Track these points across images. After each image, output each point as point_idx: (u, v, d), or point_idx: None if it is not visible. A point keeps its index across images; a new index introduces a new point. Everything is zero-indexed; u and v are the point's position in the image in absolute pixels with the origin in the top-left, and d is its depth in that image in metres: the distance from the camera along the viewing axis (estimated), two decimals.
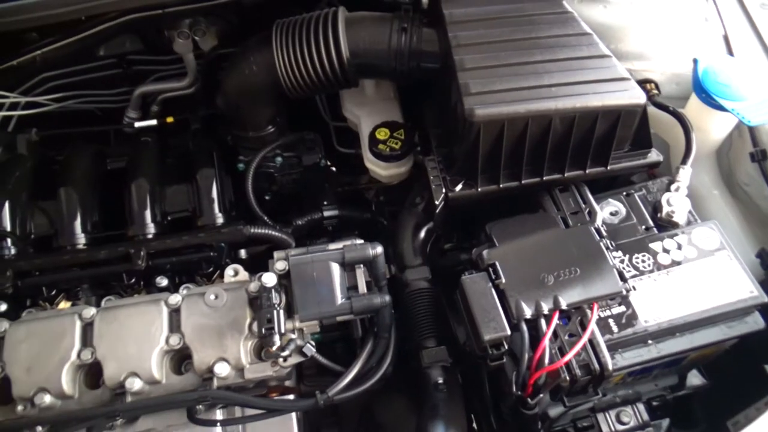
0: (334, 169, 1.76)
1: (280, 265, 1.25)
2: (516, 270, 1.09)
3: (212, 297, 1.24)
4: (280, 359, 1.20)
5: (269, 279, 1.19)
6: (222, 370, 1.18)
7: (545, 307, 1.04)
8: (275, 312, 1.14)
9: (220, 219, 1.46)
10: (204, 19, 1.71)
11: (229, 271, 1.31)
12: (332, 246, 1.25)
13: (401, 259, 1.36)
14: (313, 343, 1.21)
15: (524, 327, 1.04)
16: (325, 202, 1.57)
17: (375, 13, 1.31)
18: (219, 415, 1.22)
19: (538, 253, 1.11)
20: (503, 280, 1.07)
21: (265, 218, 1.44)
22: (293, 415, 1.24)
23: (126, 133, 1.92)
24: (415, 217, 1.41)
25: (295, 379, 1.37)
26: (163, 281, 1.33)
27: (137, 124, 1.70)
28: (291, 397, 1.25)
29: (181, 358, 1.26)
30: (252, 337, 1.22)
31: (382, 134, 1.44)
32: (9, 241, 1.42)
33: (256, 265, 1.29)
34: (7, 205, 1.46)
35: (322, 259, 1.20)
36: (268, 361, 1.22)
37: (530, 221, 1.19)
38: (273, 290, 1.17)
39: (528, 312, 1.04)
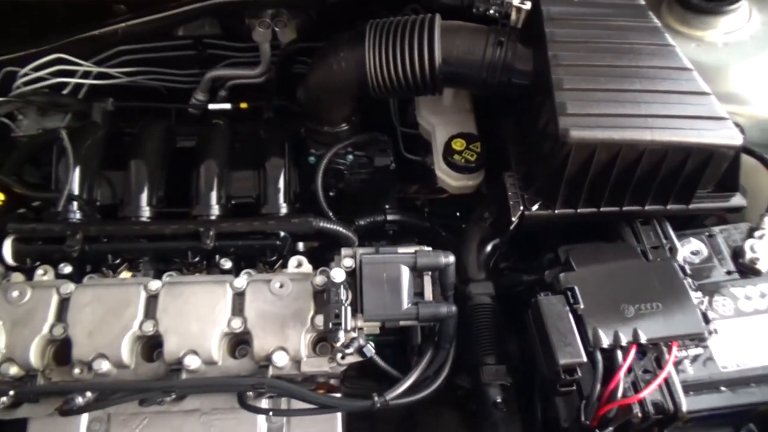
0: None
1: (348, 262, 1.25)
2: (594, 297, 1.07)
3: (278, 285, 1.23)
4: (338, 356, 1.19)
5: (338, 275, 1.18)
6: (280, 359, 1.17)
7: (623, 339, 1.02)
8: (343, 308, 1.13)
9: (284, 209, 1.46)
10: (286, 11, 1.73)
11: (293, 261, 1.31)
12: (402, 249, 1.24)
13: (465, 271, 1.34)
14: (373, 345, 1.20)
15: (599, 356, 1.02)
16: (387, 206, 1.57)
17: (471, 24, 1.31)
18: (264, 404, 1.21)
19: (618, 283, 1.09)
20: (581, 306, 1.05)
21: (330, 214, 1.44)
22: (338, 414, 1.23)
23: (190, 114, 1.95)
24: (482, 231, 1.40)
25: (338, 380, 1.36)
26: (227, 263, 1.33)
27: (211, 106, 1.71)
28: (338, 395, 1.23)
29: (236, 342, 1.26)
30: (312, 330, 1.21)
31: (458, 145, 1.44)
32: (75, 205, 1.44)
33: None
34: (78, 170, 1.47)
35: (394, 261, 1.19)
36: (325, 357, 1.21)
37: (609, 250, 1.17)
38: (342, 286, 1.17)
39: (605, 341, 1.02)
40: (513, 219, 1.23)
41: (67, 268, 1.29)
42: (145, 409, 1.19)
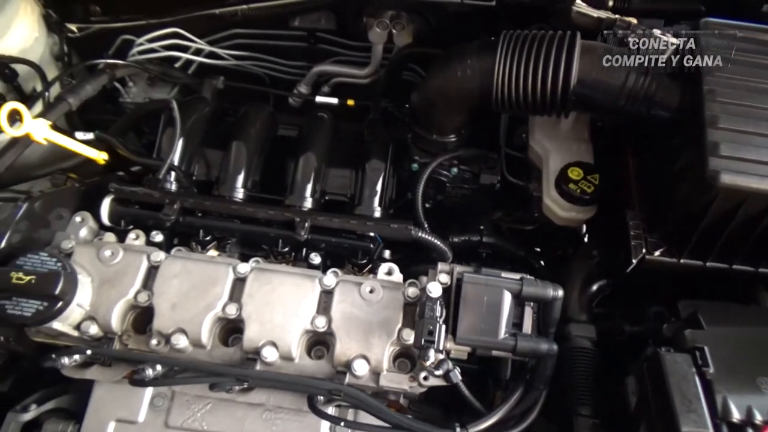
0: None
1: (444, 279, 1.17)
2: (726, 362, 0.95)
3: (368, 289, 1.17)
4: (421, 376, 1.11)
5: (435, 289, 1.11)
6: (361, 368, 1.10)
7: (758, 416, 0.89)
8: (438, 325, 1.05)
9: (377, 213, 1.40)
10: (406, 14, 1.70)
11: (383, 268, 1.24)
12: (505, 274, 1.15)
13: (565, 309, 1.24)
14: (459, 371, 1.11)
15: (726, 431, 0.89)
16: (482, 227, 1.48)
17: (614, 47, 1.22)
18: (329, 411, 1.14)
19: (755, 352, 0.96)
20: (711, 370, 0.93)
21: (426, 225, 1.37)
22: None
23: (288, 105, 1.94)
24: (588, 269, 1.29)
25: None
26: (317, 258, 1.27)
27: (318, 99, 1.68)
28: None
29: (314, 342, 1.20)
30: (398, 344, 1.14)
31: (575, 174, 1.34)
32: (173, 175, 1.43)
33: None
34: (181, 141, 1.46)
35: (497, 285, 1.10)
36: (407, 374, 1.13)
37: (743, 313, 1.05)
38: (438, 302, 1.09)
39: (736, 414, 0.90)
40: (633, 261, 1.12)
41: (159, 237, 1.27)
42: (211, 394, 1.15)
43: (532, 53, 1.21)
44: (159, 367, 1.12)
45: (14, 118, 1.23)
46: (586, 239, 1.54)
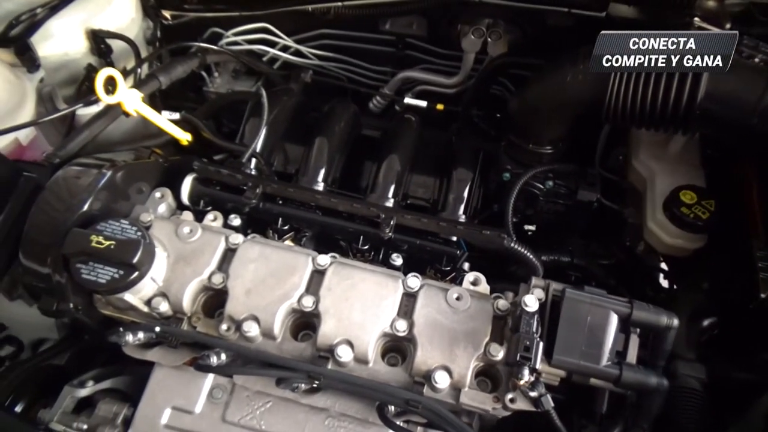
0: None
1: (539, 294, 1.07)
2: None
3: (455, 296, 1.08)
4: (507, 398, 1.00)
5: (531, 302, 1.00)
6: (442, 380, 1.00)
7: None
8: (535, 341, 0.95)
9: (462, 221, 1.32)
10: (504, 23, 1.64)
11: (469, 277, 1.15)
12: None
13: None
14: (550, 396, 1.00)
15: None
16: (570, 248, 1.37)
17: (748, 61, 1.11)
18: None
19: None
20: None
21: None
22: None
23: (368, 110, 1.90)
24: (696, 303, 1.16)
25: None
26: (398, 260, 1.19)
27: (407, 100, 1.63)
28: None
29: (390, 348, 1.11)
30: (484, 359, 1.03)
31: (688, 197, 1.22)
32: (254, 163, 1.39)
33: None
34: (264, 130, 1.42)
35: (604, 305, 0.99)
36: (490, 394, 1.03)
37: None
38: (535, 317, 0.98)
39: None
40: (762, 295, 0.99)
41: (236, 221, 1.22)
42: (272, 391, 1.07)
43: None
44: (224, 356, 1.05)
45: (108, 86, 1.22)
46: (664, 280, 1.42)
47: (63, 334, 1.41)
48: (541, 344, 0.95)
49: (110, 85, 1.24)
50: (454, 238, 1.22)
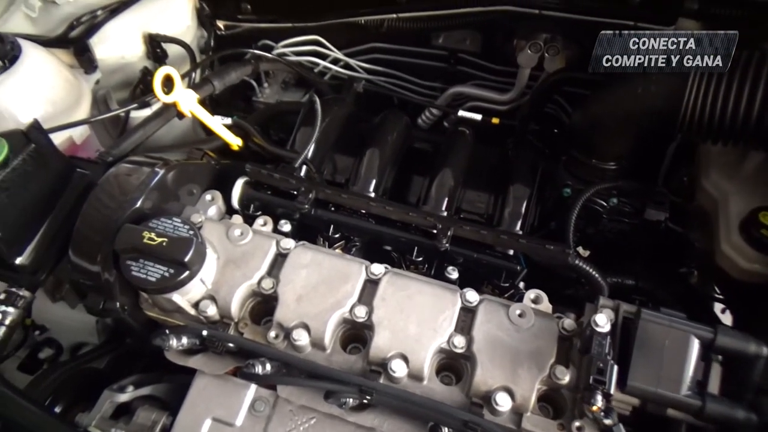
0: None
1: (608, 315, 0.99)
2: None
3: (517, 313, 1.01)
4: (574, 425, 0.92)
5: (603, 322, 0.93)
6: (504, 402, 0.93)
7: None
8: (610, 364, 0.87)
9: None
10: (562, 38, 1.59)
11: (530, 294, 1.08)
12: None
13: None
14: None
15: None
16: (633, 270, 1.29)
17: None
18: None
19: None
20: None
21: None
22: None
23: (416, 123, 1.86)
24: None
25: None
26: (454, 273, 1.13)
27: (461, 113, 1.59)
28: None
29: (445, 366, 1.04)
30: (548, 381, 0.96)
31: None
32: (304, 170, 1.35)
33: None
34: (315, 136, 1.40)
35: (684, 329, 0.91)
36: (554, 421, 0.95)
37: None
38: (608, 338, 0.91)
39: None
40: None
41: (287, 226, 1.18)
42: (317, 406, 1.01)
43: (736, 72, 1.05)
44: (269, 366, 1.00)
45: (164, 87, 1.21)
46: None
47: (103, 339, 1.38)
48: (616, 367, 0.87)
49: (166, 85, 1.23)
50: (511, 252, 1.16)
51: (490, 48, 1.75)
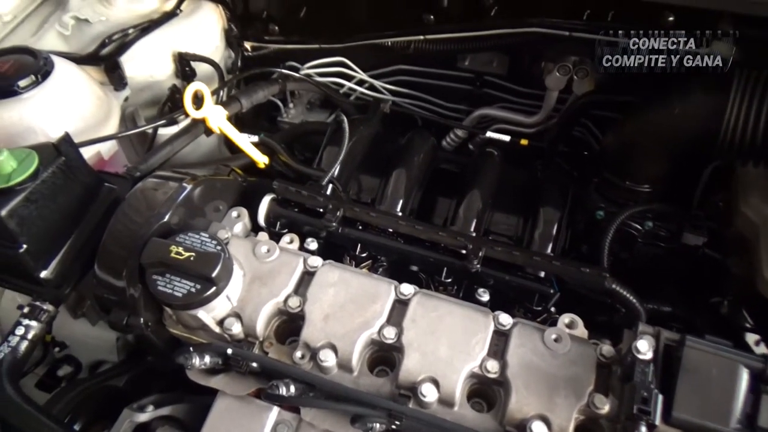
0: None
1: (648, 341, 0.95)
2: None
3: (553, 337, 0.97)
4: None
5: (645, 349, 0.89)
6: (540, 431, 0.88)
7: None
8: (655, 393, 0.83)
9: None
10: (590, 61, 1.57)
11: (564, 318, 1.04)
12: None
13: None
14: None
15: None
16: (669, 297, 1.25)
17: None
18: None
19: None
20: None
21: None
22: None
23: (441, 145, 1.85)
24: None
25: None
26: (485, 296, 1.10)
27: (489, 134, 1.57)
28: None
29: (476, 392, 1.00)
30: (586, 410, 0.91)
31: None
32: (330, 188, 1.34)
33: None
34: (342, 155, 1.38)
35: (733, 358, 0.86)
36: None
37: None
38: (651, 366, 0.87)
39: None
40: None
41: (313, 244, 1.16)
42: (341, 431, 0.97)
43: None
44: (293, 388, 0.96)
45: (194, 102, 1.21)
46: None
47: (122, 357, 1.36)
48: (661, 397, 0.83)
49: (195, 102, 1.23)
50: (542, 274, 1.13)
51: (517, 70, 1.74)
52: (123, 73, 1.45)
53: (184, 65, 1.53)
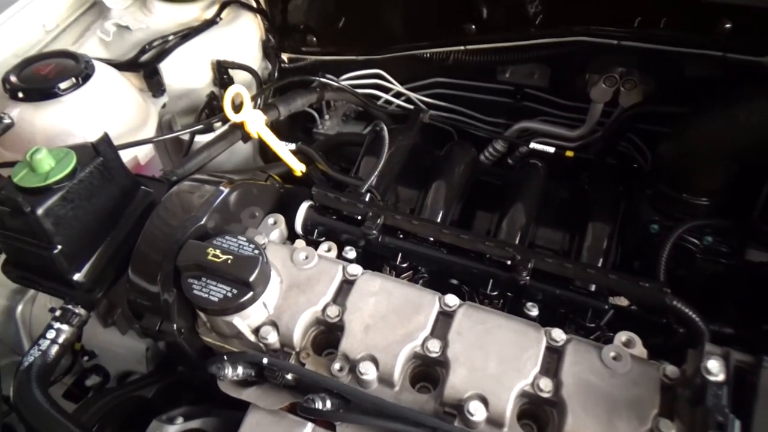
0: None
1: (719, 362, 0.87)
2: None
3: (611, 355, 0.90)
4: None
5: (717, 370, 0.81)
6: None
7: None
8: (731, 419, 0.75)
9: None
10: (639, 72, 1.52)
11: (621, 336, 0.96)
12: None
13: None
14: None
15: None
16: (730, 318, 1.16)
17: None
18: None
19: None
20: None
21: None
22: None
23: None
24: None
25: None
26: (534, 310, 1.03)
27: (533, 145, 1.51)
28: None
29: (527, 413, 0.93)
30: None
31: None
32: (368, 197, 1.30)
33: None
34: (381, 166, 1.34)
35: None
36: None
37: None
38: (724, 388, 0.79)
39: None
40: None
41: (352, 253, 1.11)
42: None
43: None
44: (329, 403, 0.91)
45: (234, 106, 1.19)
46: None
47: (151, 368, 1.32)
48: (738, 422, 0.75)
49: (234, 106, 1.20)
50: (592, 288, 1.06)
51: (559, 82, 1.69)
52: (162, 79, 1.44)
53: (222, 73, 1.52)
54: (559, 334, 0.93)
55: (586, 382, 0.87)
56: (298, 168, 1.34)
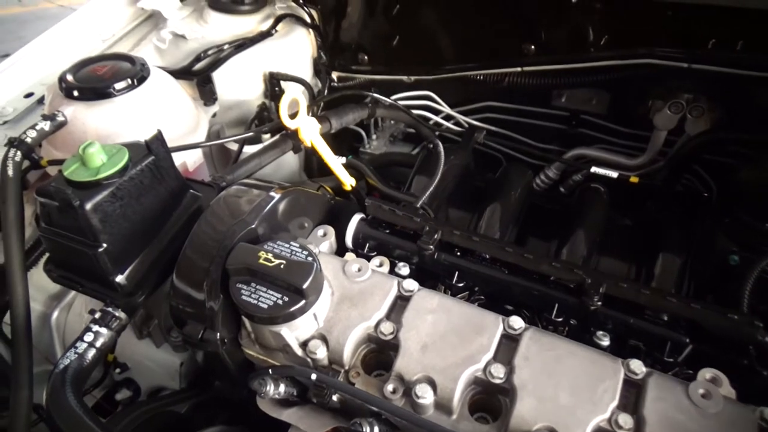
0: None
1: None
2: None
3: (700, 393, 0.80)
4: None
5: None
6: None
7: None
8: None
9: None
10: (707, 99, 1.44)
11: (706, 373, 0.86)
12: None
13: None
14: None
15: None
16: None
17: None
18: None
19: None
20: None
21: None
22: None
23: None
24: None
25: None
26: (605, 340, 0.94)
27: (594, 169, 1.44)
28: None
29: None
30: None
31: None
32: (418, 218, 1.23)
33: None
34: (433, 187, 1.28)
35: None
36: None
37: None
38: None
39: None
40: None
41: (405, 270, 1.04)
42: None
43: None
44: (377, 429, 0.83)
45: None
46: None
47: (184, 385, 1.26)
48: None
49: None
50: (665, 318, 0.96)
51: (619, 108, 1.62)
52: (214, 87, 1.42)
53: (274, 85, 1.50)
54: (638, 366, 0.84)
55: (672, 420, 0.78)
56: (348, 182, 1.29)
